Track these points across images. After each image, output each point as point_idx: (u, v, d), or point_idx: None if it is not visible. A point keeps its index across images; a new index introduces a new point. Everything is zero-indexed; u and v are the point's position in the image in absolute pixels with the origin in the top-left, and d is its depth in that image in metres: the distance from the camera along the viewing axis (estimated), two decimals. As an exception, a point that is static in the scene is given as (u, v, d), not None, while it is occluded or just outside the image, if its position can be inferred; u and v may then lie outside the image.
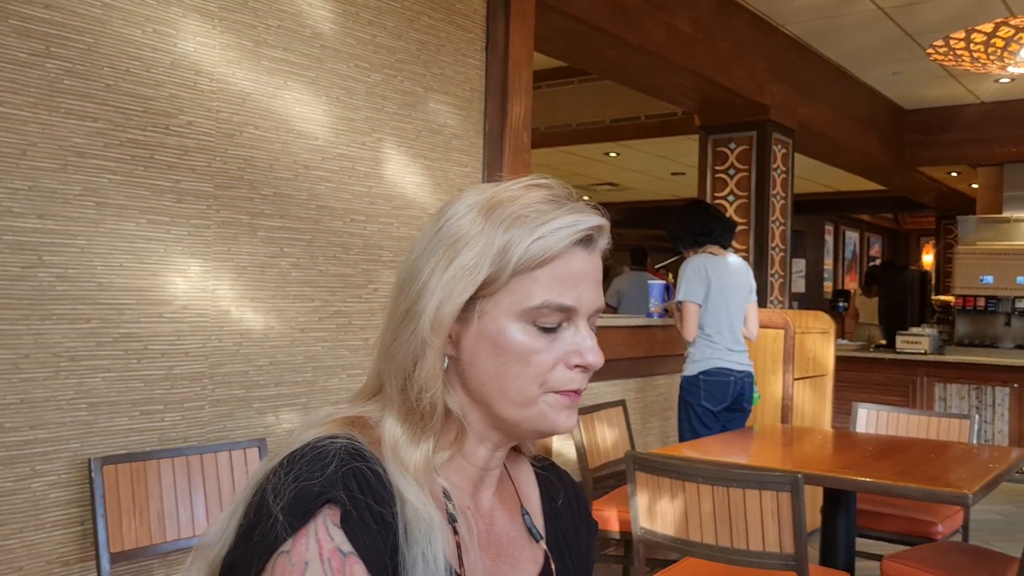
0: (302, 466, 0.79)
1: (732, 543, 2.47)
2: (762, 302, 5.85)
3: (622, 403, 3.93)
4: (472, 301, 0.86)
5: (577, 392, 0.90)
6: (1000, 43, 4.35)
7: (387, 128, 3.09)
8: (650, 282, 4.89)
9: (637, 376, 4.60)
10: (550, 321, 0.87)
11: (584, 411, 3.64)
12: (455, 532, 0.85)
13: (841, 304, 12.24)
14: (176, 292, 2.46)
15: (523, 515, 0.98)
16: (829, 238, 15.35)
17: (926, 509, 3.51)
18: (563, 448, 3.96)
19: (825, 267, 15.23)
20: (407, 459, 0.83)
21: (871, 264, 15.15)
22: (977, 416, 7.05)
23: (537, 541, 0.97)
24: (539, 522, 1.00)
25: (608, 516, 3.44)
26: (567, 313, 0.88)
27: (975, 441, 6.87)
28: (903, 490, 2.74)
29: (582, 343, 0.89)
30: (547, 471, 1.06)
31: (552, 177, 0.92)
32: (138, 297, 2.37)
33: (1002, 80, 6.92)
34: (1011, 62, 4.51)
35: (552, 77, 7.12)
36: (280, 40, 2.74)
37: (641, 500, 2.62)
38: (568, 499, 1.06)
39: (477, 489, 0.94)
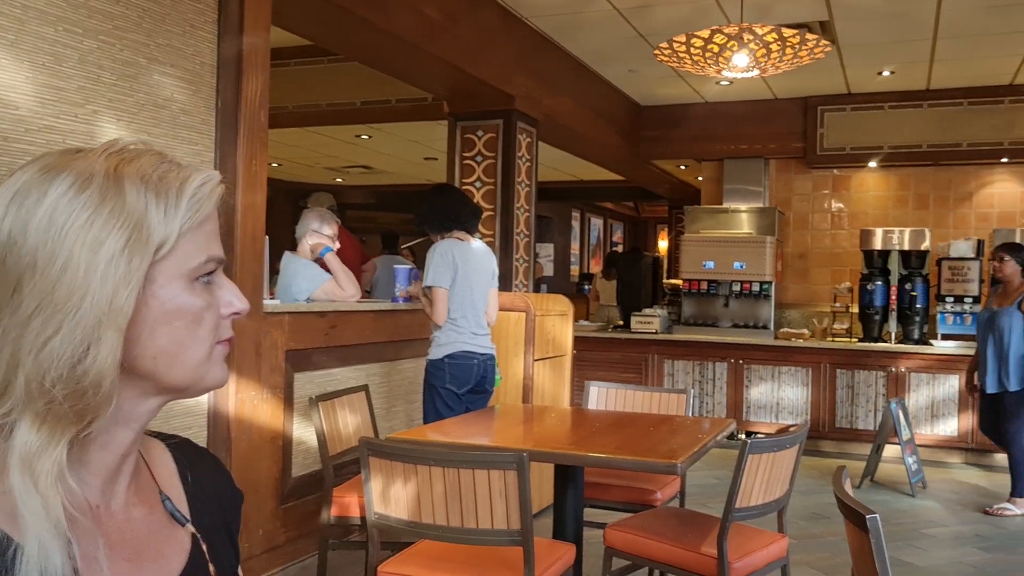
0: None
1: (463, 523, 2.53)
2: (507, 286, 6.05)
3: (365, 388, 3.91)
4: None
5: (231, 340, 0.91)
6: (716, 48, 4.76)
7: (103, 100, 2.86)
8: (396, 267, 4.90)
9: (383, 360, 4.60)
10: (207, 277, 0.88)
11: (324, 397, 3.59)
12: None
13: (586, 287, 12.94)
14: None
15: (163, 501, 0.93)
16: (576, 224, 16.17)
17: (647, 478, 3.79)
18: (303, 435, 3.88)
19: (572, 252, 16.03)
20: (40, 471, 0.76)
21: (611, 249, 16.13)
22: (694, 391, 7.74)
23: (183, 525, 0.93)
24: (182, 504, 0.96)
25: (349, 502, 3.42)
26: (219, 265, 0.90)
27: (692, 413, 7.51)
28: (622, 462, 2.94)
29: (230, 291, 0.90)
30: (181, 448, 1.02)
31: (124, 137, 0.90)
32: None
33: (722, 83, 7.59)
34: (725, 67, 4.95)
35: (300, 55, 6.93)
36: (-30, -5, 2.45)
37: (375, 485, 2.62)
38: (209, 472, 1.03)
39: (111, 483, 0.87)
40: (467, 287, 4.20)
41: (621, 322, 8.89)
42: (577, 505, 3.33)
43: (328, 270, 4.43)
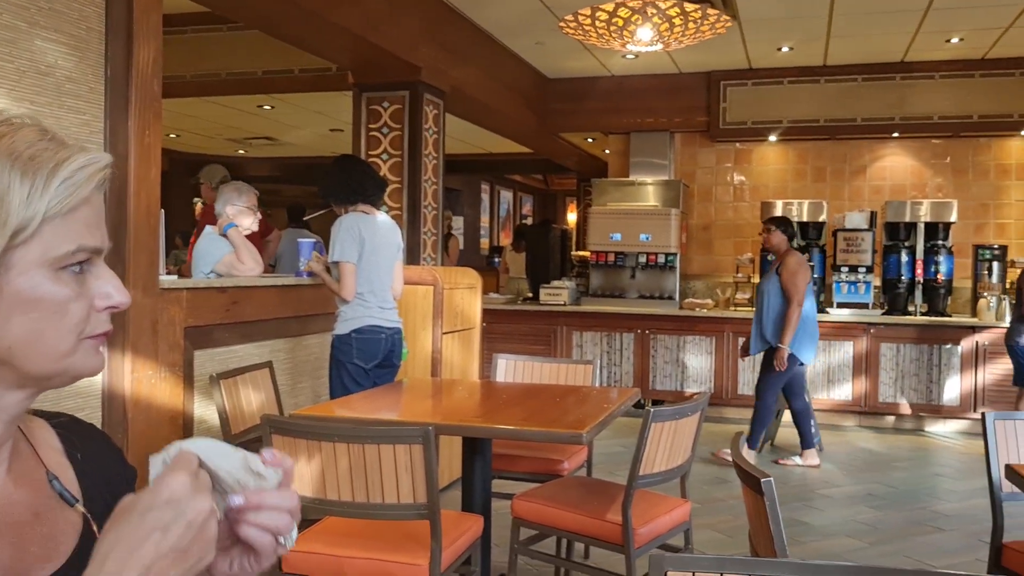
0: None
1: (368, 498, 2.52)
2: (415, 259, 6.01)
3: (269, 365, 3.84)
4: None
5: (107, 333, 0.87)
6: (620, 22, 4.79)
7: (-21, 66, 2.69)
8: (300, 240, 4.80)
9: (287, 336, 4.51)
10: (79, 267, 0.83)
11: (227, 375, 3.50)
12: None
13: (496, 260, 12.96)
14: None
15: (51, 481, 0.89)
16: (486, 197, 16.16)
17: (554, 449, 3.83)
18: (205, 414, 3.78)
19: (482, 224, 16.03)
20: None
21: (520, 222, 16.19)
22: (600, 361, 7.86)
23: (72, 505, 0.90)
24: (72, 484, 0.92)
25: (254, 481, 3.35)
26: (94, 255, 0.85)
27: (599, 383, 7.62)
28: (528, 434, 2.96)
29: (108, 283, 0.86)
30: (67, 427, 0.98)
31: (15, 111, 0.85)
32: None
33: (628, 56, 7.65)
34: (630, 40, 4.99)
35: (197, 22, 6.68)
36: None
37: (279, 464, 2.57)
38: (99, 450, 0.99)
39: None
40: (373, 261, 4.14)
41: (531, 294, 8.94)
42: (485, 477, 3.35)
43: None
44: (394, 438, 2.48)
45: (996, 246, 7.67)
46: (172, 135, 11.04)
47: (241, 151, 12.67)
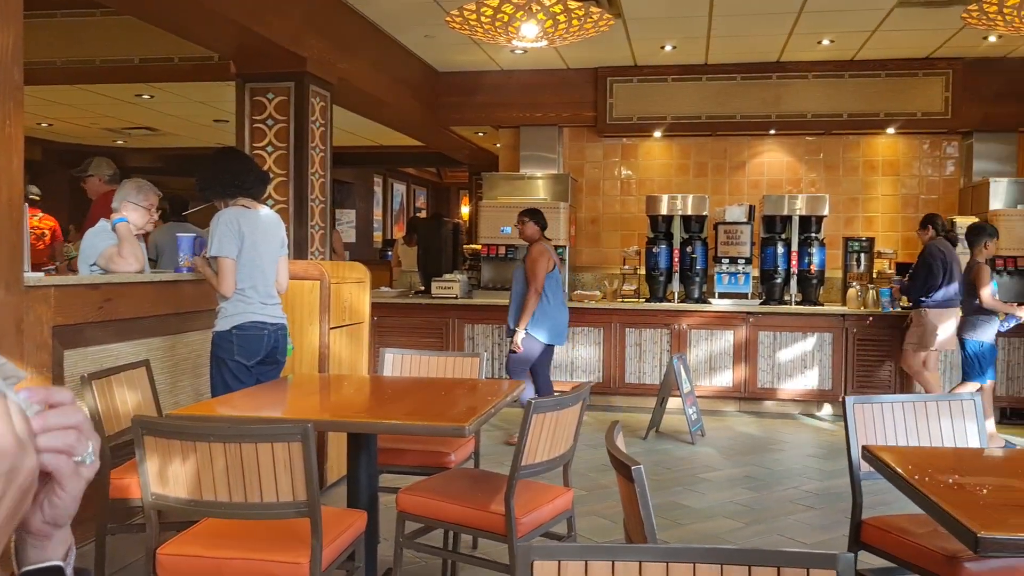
0: None
1: (247, 498, 2.48)
2: (302, 254, 5.92)
3: (146, 363, 3.72)
4: None
5: None
6: (505, 18, 4.82)
7: None
8: (179, 235, 4.66)
9: (166, 334, 4.38)
10: None
11: (99, 375, 3.38)
12: None
13: (388, 253, 12.87)
14: None
15: None
16: (378, 190, 16.01)
17: (440, 442, 3.85)
18: (77, 417, 3.64)
19: (375, 218, 15.88)
20: None
21: (413, 215, 16.12)
22: (487, 354, 7.93)
23: None
24: None
25: (128, 484, 3.26)
26: None
27: (490, 376, 7.66)
28: (412, 428, 2.98)
29: None
30: None
31: None
32: None
33: (516, 51, 7.71)
34: (515, 36, 5.03)
35: (68, 6, 6.40)
36: None
37: (152, 465, 2.51)
38: None
39: None
40: (255, 256, 4.06)
41: (423, 288, 8.93)
42: (371, 472, 3.34)
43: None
44: (272, 436, 2.45)
45: (864, 238, 8.08)
46: (44, 124, 10.51)
47: (120, 141, 12.18)
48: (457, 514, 3.09)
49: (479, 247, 8.62)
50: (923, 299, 6.63)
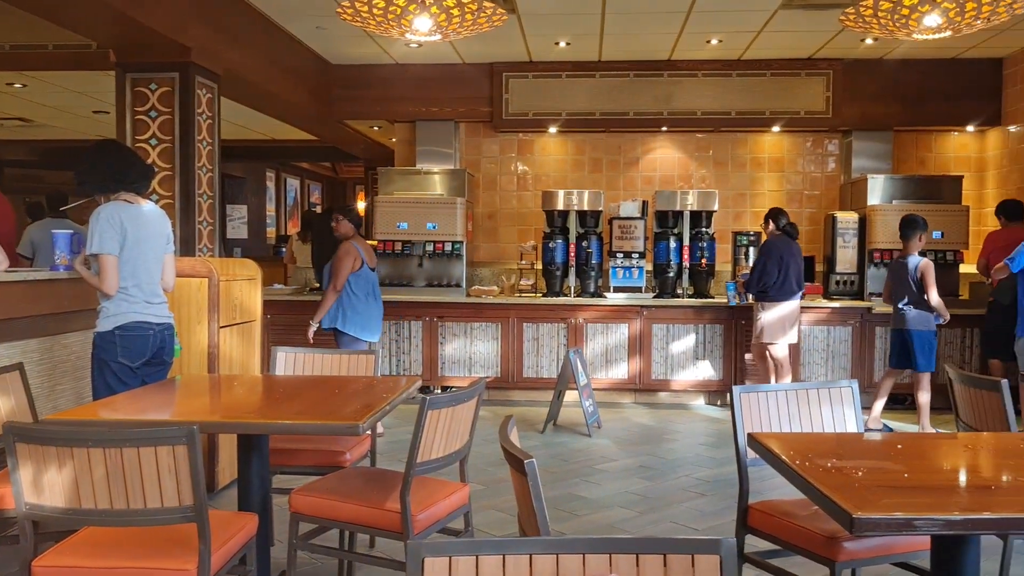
0: None
1: (129, 505, 2.38)
2: (190, 251, 5.73)
3: (19, 367, 3.53)
4: None
5: None
6: (398, 11, 4.77)
7: None
8: (55, 232, 4.44)
9: (42, 335, 4.17)
10: None
11: (-33, 381, 3.19)
12: None
13: (282, 249, 12.59)
14: None
15: None
16: (271, 185, 15.64)
17: (335, 440, 3.79)
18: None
19: (268, 213, 15.51)
20: None
21: (308, 210, 15.81)
22: (388, 349, 7.86)
23: None
24: None
25: (3, 494, 3.08)
26: None
27: (388, 372, 7.60)
28: (303, 427, 2.92)
29: None
30: None
31: None
32: None
33: (411, 45, 7.65)
34: (408, 29, 4.99)
35: (-70, -13, 5.98)
36: None
37: (25, 474, 2.39)
38: None
39: None
40: (138, 253, 3.90)
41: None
42: (263, 474, 3.26)
43: None
44: (156, 440, 2.36)
45: (752, 233, 8.34)
46: (-95, 113, 9.87)
47: (-10, 133, 11.55)
48: (352, 513, 3.05)
49: (375, 243, 8.51)
50: (760, 293, 6.91)
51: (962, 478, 2.42)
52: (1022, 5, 4.91)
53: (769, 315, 6.88)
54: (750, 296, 7.24)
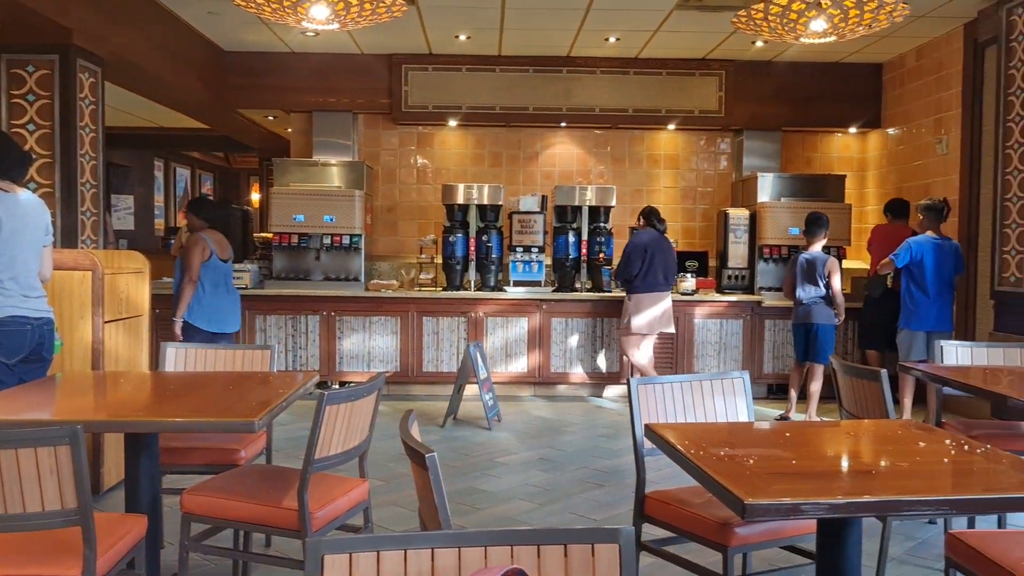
0: None
1: (6, 509, 2.26)
2: (72, 242, 5.48)
3: None
4: None
5: None
6: (290, 2, 4.67)
7: None
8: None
9: (-92, 332, 3.90)
10: None
11: None
12: None
13: (171, 241, 12.15)
14: None
15: None
16: (159, 174, 15.08)
17: (229, 438, 3.69)
18: None
19: (156, 204, 14.96)
20: None
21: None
22: (279, 346, 7.70)
23: None
24: None
25: None
26: None
27: (284, 368, 7.45)
28: (195, 425, 2.82)
29: None
30: None
31: None
32: None
33: (307, 33, 7.49)
34: (304, 17, 4.88)
35: None
36: None
37: None
38: None
39: None
40: (14, 244, 3.70)
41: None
42: (152, 474, 3.14)
43: None
44: (36, 440, 2.25)
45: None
46: None
47: None
48: (247, 512, 2.97)
49: (270, 236, 8.32)
50: (626, 283, 7.16)
51: (845, 464, 2.53)
52: (900, 13, 5.16)
53: (634, 306, 7.08)
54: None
